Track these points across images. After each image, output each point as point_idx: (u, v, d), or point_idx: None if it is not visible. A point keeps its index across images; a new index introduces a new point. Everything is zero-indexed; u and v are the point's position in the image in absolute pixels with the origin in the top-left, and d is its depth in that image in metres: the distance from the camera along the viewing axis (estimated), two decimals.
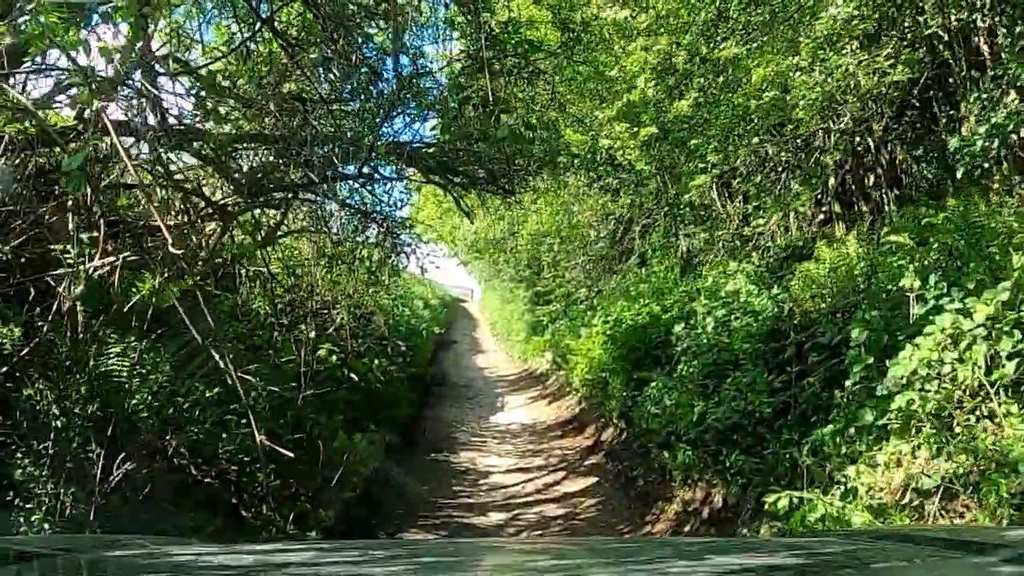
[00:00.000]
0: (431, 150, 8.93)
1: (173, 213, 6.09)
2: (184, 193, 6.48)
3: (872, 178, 10.20)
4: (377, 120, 6.91)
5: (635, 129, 7.71)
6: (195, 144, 6.43)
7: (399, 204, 10.67)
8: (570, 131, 7.95)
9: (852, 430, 4.78)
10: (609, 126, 7.79)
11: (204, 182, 7.34)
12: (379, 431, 9.74)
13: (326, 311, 10.64)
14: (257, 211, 6.83)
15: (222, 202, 6.89)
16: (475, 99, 4.45)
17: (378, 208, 10.40)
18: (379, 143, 7.48)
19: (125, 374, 5.21)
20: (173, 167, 6.45)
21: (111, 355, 5.36)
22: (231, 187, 6.80)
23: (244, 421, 6.38)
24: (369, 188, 9.65)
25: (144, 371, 5.41)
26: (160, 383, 5.32)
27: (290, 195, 7.51)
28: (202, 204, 6.65)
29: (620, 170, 8.67)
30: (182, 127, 6.22)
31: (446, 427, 12.21)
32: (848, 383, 4.84)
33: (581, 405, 12.60)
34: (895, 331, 4.76)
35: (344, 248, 10.35)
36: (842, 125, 8.97)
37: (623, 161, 8.08)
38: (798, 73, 6.71)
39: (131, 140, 5.56)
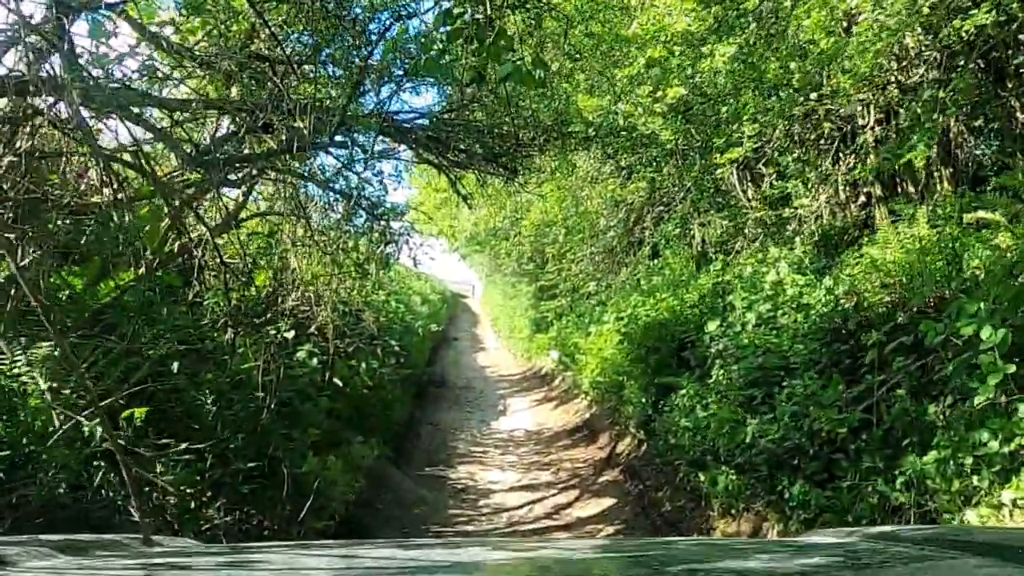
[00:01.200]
0: (422, 122, 7.79)
1: (107, 191, 4.95)
2: (119, 165, 5.33)
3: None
4: (355, 76, 5.76)
5: (658, 93, 6.55)
6: (135, 109, 5.30)
7: (389, 186, 9.53)
8: (583, 96, 6.81)
9: (968, 459, 3.64)
10: (629, 88, 6.63)
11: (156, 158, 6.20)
12: (366, 443, 8.61)
13: (307, 308, 9.51)
14: (214, 190, 5.68)
15: (170, 179, 5.75)
16: (468, 30, 3.35)
17: (365, 192, 9.31)
18: (357, 107, 6.34)
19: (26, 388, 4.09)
20: (107, 135, 5.34)
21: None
22: (181, 161, 5.65)
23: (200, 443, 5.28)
24: (353, 167, 8.56)
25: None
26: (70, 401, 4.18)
27: (253, 171, 6.37)
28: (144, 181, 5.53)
29: (639, 144, 7.50)
30: (117, 85, 5.08)
31: (444, 434, 11.08)
32: (960, 400, 3.70)
33: (591, 410, 11.47)
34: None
35: (328, 237, 9.25)
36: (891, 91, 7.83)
37: (644, 131, 6.93)
38: (861, 17, 5.55)
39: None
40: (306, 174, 8.26)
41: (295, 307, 9.12)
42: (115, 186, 4.94)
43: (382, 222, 9.23)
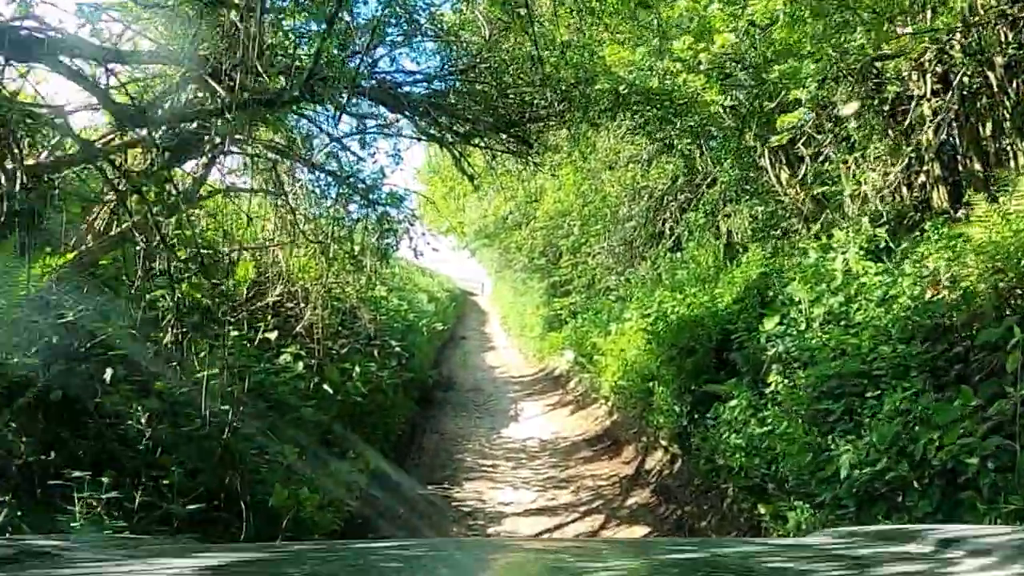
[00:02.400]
0: (421, 89, 6.70)
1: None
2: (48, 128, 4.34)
3: (989, 127, 7.84)
4: (331, 9, 4.67)
5: (700, 45, 5.43)
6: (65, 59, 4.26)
7: (387, 168, 8.45)
8: (612, 47, 5.70)
9: None
10: (666, 38, 5.50)
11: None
12: (358, 459, 7.54)
13: (293, 305, 8.44)
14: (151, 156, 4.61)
15: (102, 141, 4.68)
16: None
17: (360, 175, 8.28)
18: (339, 60, 5.26)
19: None
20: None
21: None
22: (115, 119, 4.57)
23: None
24: (333, 134, 7.46)
25: None
26: None
27: (216, 139, 5.29)
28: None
29: (676, 112, 6.38)
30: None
31: (449, 445, 10.00)
32: None
33: (612, 417, 10.36)
34: None
35: (317, 225, 8.19)
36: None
37: (683, 92, 5.81)
38: None
39: None
40: (286, 148, 7.21)
41: (278, 303, 8.07)
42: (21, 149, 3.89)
43: (379, 208, 8.20)
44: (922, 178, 8.04)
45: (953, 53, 7.13)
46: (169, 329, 4.34)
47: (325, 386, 7.66)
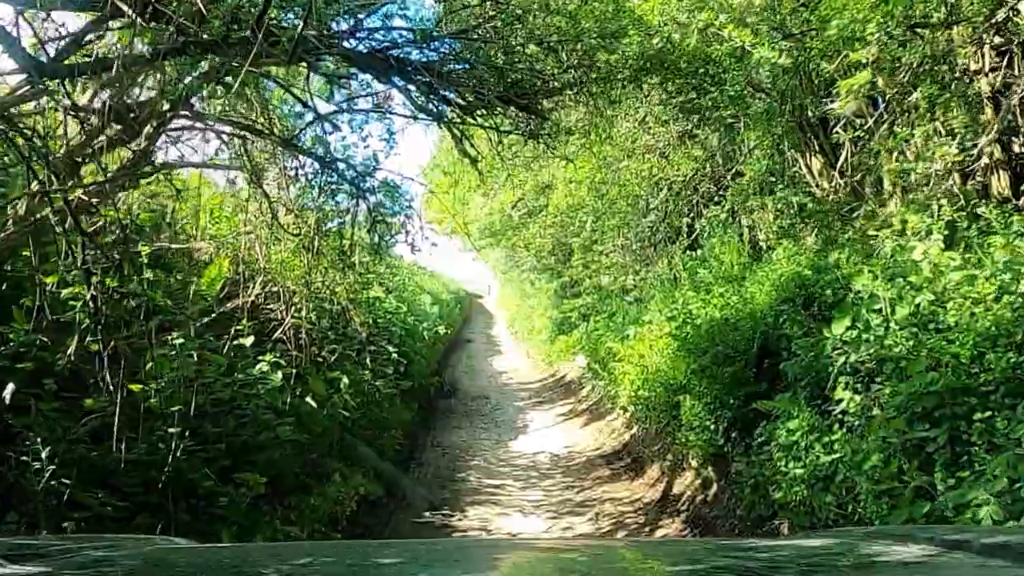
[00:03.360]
0: (416, 53, 5.77)
1: None
2: None
3: None
4: None
5: None
6: None
7: (379, 155, 7.53)
8: None
9: None
10: None
11: None
12: (346, 483, 6.61)
13: (275, 306, 7.50)
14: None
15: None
16: None
17: (353, 160, 7.38)
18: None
19: None
20: None
21: None
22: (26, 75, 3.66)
23: None
24: (330, 123, 6.61)
25: None
26: None
27: (162, 104, 4.39)
28: None
29: (714, 79, 5.44)
30: None
31: (451, 461, 9.07)
32: None
33: (632, 430, 9.41)
34: None
35: (304, 216, 7.28)
36: None
37: (729, 48, 4.86)
38: None
39: None
40: (266, 127, 6.29)
41: (257, 305, 7.14)
42: None
43: (371, 198, 7.28)
44: (983, 160, 7.09)
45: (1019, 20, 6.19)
46: (95, 334, 3.41)
47: (309, 399, 6.75)
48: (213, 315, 6.06)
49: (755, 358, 6.24)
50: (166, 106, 4.36)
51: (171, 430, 4.28)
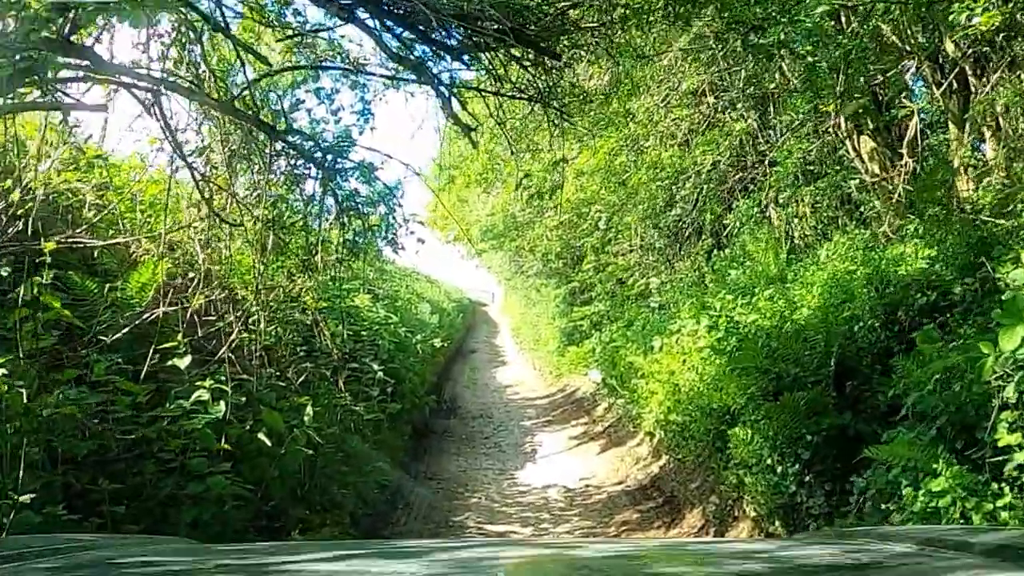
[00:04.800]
0: None
1: None
2: None
3: None
4: None
5: None
6: None
7: (352, 128, 6.13)
8: None
9: None
10: None
11: None
12: (314, 538, 5.18)
13: (227, 318, 6.08)
14: None
15: None
16: None
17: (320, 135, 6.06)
18: None
19: None
20: None
21: None
22: None
23: None
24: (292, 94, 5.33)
25: None
26: None
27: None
28: None
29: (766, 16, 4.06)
30: None
31: (446, 499, 7.63)
32: None
33: (660, 460, 7.96)
34: None
35: (257, 208, 5.89)
36: None
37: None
38: None
39: None
40: (194, 84, 4.88)
41: (198, 315, 5.72)
42: None
43: (343, 183, 5.95)
44: None
45: None
46: None
47: (261, 435, 5.32)
48: (128, 328, 4.65)
49: (833, 379, 4.82)
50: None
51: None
